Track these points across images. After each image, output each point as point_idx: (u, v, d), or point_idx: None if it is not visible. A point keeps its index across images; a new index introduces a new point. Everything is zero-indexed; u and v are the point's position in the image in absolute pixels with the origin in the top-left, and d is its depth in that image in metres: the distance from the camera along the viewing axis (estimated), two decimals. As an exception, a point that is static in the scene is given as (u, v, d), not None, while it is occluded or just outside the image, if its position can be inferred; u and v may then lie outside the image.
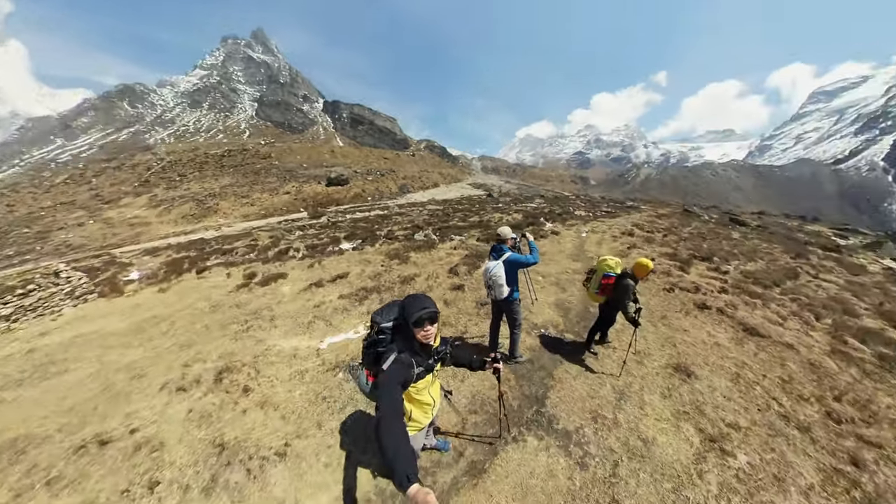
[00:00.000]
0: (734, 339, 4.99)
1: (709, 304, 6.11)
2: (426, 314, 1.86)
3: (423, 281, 7.54)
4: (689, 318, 5.62)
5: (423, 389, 2.00)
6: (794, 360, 4.56)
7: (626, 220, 17.08)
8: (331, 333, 5.44)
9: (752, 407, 3.65)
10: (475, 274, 7.75)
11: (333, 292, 7.27)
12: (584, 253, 10.21)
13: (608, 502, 2.60)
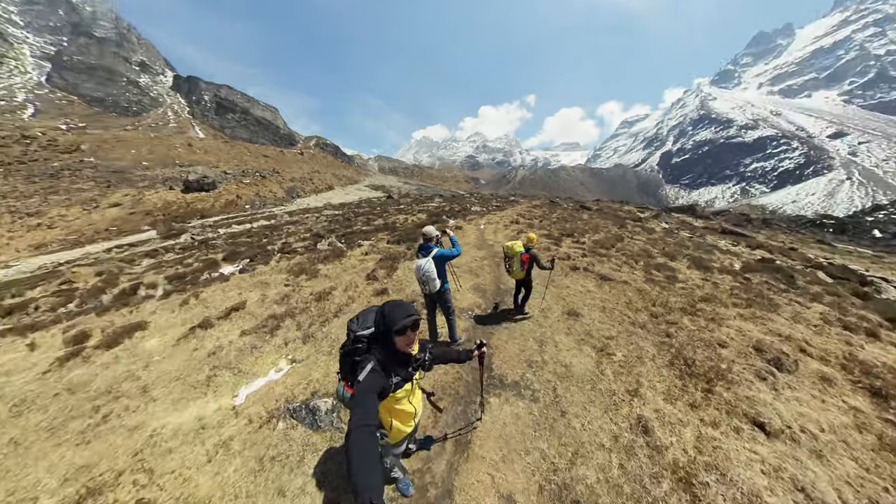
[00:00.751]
0: (596, 285, 6.60)
1: (577, 265, 7.80)
2: (410, 321, 1.70)
3: (341, 293, 6.70)
4: (567, 278, 7.07)
5: (402, 399, 1.83)
6: (629, 289, 6.37)
7: (512, 211, 19.41)
8: (244, 383, 4.12)
9: (615, 323, 5.06)
10: (395, 276, 7.37)
11: (231, 330, 5.57)
12: (485, 242, 10.85)
13: (560, 414, 3.29)
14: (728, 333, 4.71)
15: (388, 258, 8.68)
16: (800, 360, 4.16)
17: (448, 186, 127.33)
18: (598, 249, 9.46)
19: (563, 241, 10.74)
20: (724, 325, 4.94)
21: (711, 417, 3.18)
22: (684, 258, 9.10)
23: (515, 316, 5.33)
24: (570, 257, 8.58)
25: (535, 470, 2.68)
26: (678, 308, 5.50)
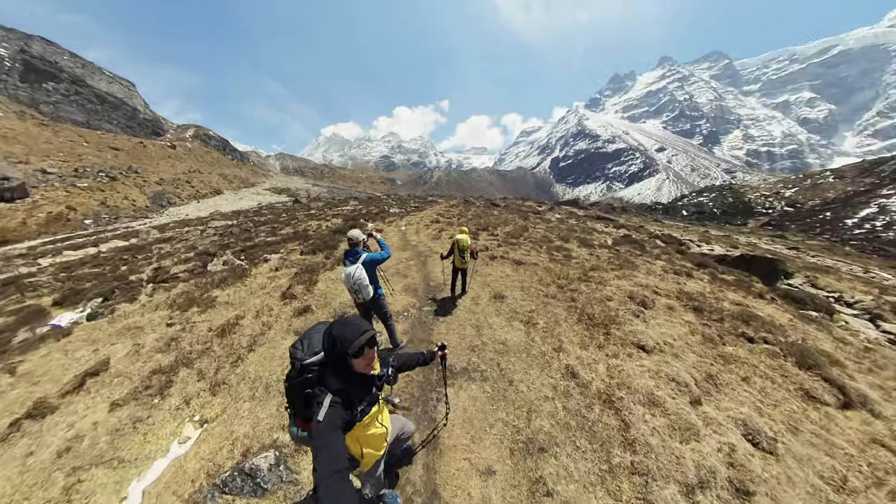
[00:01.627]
0: (513, 270, 7.31)
1: (495, 255, 8.47)
2: (366, 339, 1.46)
3: (252, 321, 5.41)
4: (488, 267, 7.61)
5: (371, 423, 1.59)
6: (539, 269, 7.29)
7: (431, 211, 19.66)
8: (134, 475, 2.93)
9: (533, 298, 5.73)
10: (317, 290, 6.44)
11: (91, 407, 3.88)
12: (408, 243, 10.51)
13: (508, 384, 3.58)
14: (611, 290, 5.93)
15: (304, 271, 7.53)
16: (655, 299, 5.66)
17: (363, 188, 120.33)
18: (509, 239, 10.50)
19: (480, 234, 11.57)
20: (608, 285, 6.18)
21: (613, 351, 4.09)
22: (574, 240, 10.90)
23: (458, 299, 5.87)
24: (487, 248, 9.16)
25: (502, 438, 2.92)
26: (576, 278, 6.60)
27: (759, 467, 2.68)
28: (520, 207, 24.96)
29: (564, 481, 2.53)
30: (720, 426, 3.05)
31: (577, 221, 18.18)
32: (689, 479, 2.53)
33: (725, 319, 5.06)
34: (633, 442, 2.82)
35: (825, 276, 10.76)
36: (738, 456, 2.74)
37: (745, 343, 4.53)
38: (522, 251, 8.90)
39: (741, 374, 3.86)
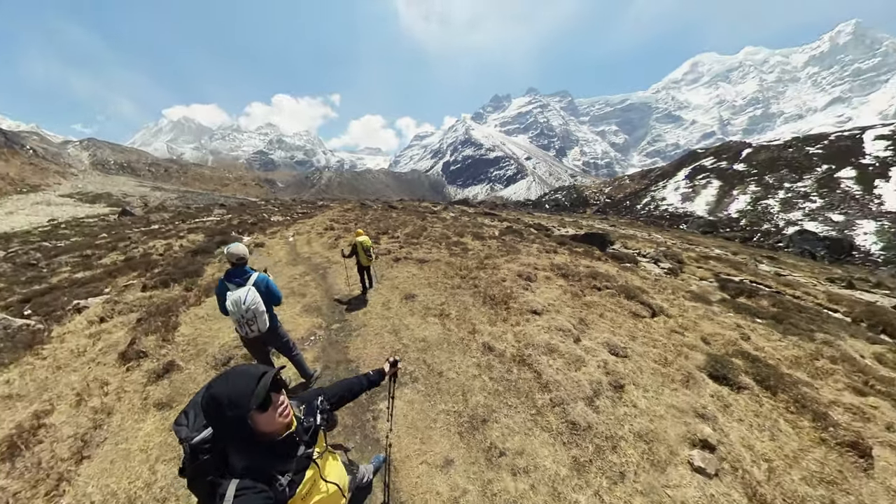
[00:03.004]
0: (418, 269, 7.56)
1: (399, 257, 8.54)
2: (266, 387, 1.06)
3: (70, 412, 3.42)
4: (394, 269, 7.63)
5: (311, 490, 1.20)
6: (442, 265, 7.80)
7: (324, 217, 17.61)
8: None
9: (441, 292, 6.09)
10: (179, 336, 4.75)
11: None
12: (300, 256, 9.40)
13: (438, 376, 3.75)
14: (504, 273, 6.92)
15: (154, 314, 5.36)
16: (536, 273, 7.00)
17: (231, 191, 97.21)
18: (410, 240, 10.75)
19: (381, 238, 11.45)
20: (500, 269, 7.19)
21: (515, 321, 4.89)
22: (468, 234, 12.07)
23: (366, 296, 6.02)
24: (390, 251, 9.03)
25: (448, 427, 3.05)
26: (474, 267, 7.39)
27: (622, 368, 3.91)
28: (417, 208, 25.71)
29: (510, 437, 2.92)
30: (595, 351, 4.19)
31: (469, 218, 20.07)
32: (588, 393, 3.43)
33: (582, 278, 6.75)
34: (546, 384, 3.53)
35: (631, 241, 15.53)
36: (609, 366, 3.88)
37: (596, 291, 6.22)
38: (424, 250, 9.26)
39: (598, 312, 5.35)
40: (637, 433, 2.96)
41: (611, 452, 2.76)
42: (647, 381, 3.73)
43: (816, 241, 34.17)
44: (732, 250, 23.51)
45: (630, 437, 2.93)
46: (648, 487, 2.49)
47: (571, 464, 2.65)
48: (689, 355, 4.38)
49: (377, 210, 22.38)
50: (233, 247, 3.01)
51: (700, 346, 4.66)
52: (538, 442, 2.86)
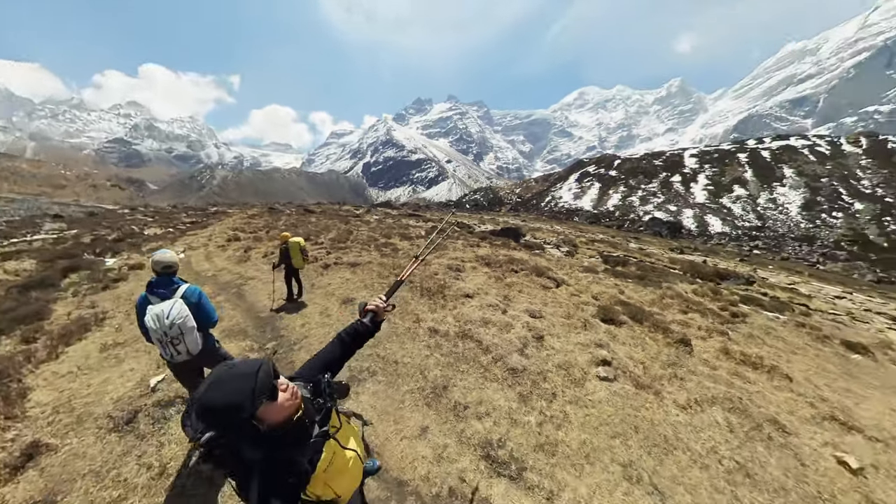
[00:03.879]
0: (351, 273, 7.30)
1: (328, 263, 8.05)
2: (268, 375, 1.01)
3: None
4: (325, 276, 7.19)
5: (332, 460, 1.20)
6: (375, 266, 7.76)
7: (222, 227, 14.96)
8: None
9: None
10: (35, 402, 3.40)
11: None
12: (200, 275, 7.72)
13: (394, 364, 3.84)
14: (435, 267, 7.35)
15: None
16: (464, 265, 7.60)
17: (72, 196, 68.92)
18: (337, 245, 10.20)
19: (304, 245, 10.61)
20: (432, 264, 7.58)
21: (452, 305, 5.32)
22: (396, 235, 12.16)
23: (297, 306, 5.55)
24: (317, 258, 8.41)
25: (416, 403, 3.28)
26: (407, 265, 7.46)
27: (540, 325, 4.77)
28: (338, 212, 24.19)
29: (468, 394, 3.37)
30: (518, 317, 4.96)
31: (394, 220, 19.98)
32: (519, 346, 4.13)
33: (502, 265, 7.60)
34: (487, 347, 4.09)
35: (538, 232, 17.89)
36: (531, 325, 4.69)
37: (514, 274, 7.11)
38: (354, 253, 8.93)
39: (517, 289, 6.21)
40: (558, 365, 3.80)
41: (543, 382, 3.51)
42: (559, 331, 4.67)
43: (661, 224, 46.21)
44: (611, 234, 29.66)
45: (554, 368, 3.74)
46: (574, 398, 3.32)
47: (518, 398, 3.31)
48: (585, 309, 5.54)
49: (292, 215, 20.21)
50: (158, 253, 2.53)
51: (592, 302, 5.95)
52: (490, 390, 3.41)
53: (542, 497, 2.32)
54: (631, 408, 3.20)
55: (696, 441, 2.89)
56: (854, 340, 5.57)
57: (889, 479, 2.68)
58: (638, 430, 2.95)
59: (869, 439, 3.13)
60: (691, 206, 53.09)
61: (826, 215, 43.94)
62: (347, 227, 14.28)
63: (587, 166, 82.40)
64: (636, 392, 3.44)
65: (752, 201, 50.74)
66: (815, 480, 2.59)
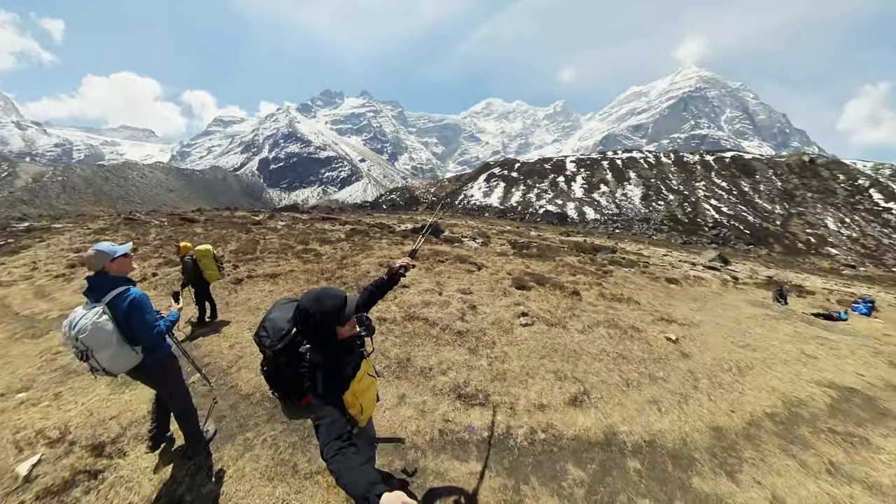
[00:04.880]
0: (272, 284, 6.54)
1: (239, 278, 6.92)
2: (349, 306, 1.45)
3: None
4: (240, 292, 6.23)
5: (363, 378, 1.58)
6: (299, 274, 7.36)
7: (51, 250, 10.94)
8: None
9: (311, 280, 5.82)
10: None
11: None
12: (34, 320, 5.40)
13: None
14: (366, 267, 7.44)
15: None
16: (391, 262, 7.66)
17: None
18: (244, 257, 8.86)
19: None
20: (361, 264, 7.61)
21: (391, 297, 5.55)
22: (314, 240, 11.17)
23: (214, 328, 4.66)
24: (228, 274, 7.25)
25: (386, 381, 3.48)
26: (336, 268, 7.39)
27: (471, 298, 5.61)
28: (231, 219, 20.02)
29: (429, 359, 3.87)
30: (453, 295, 5.60)
31: (306, 225, 18.03)
32: (459, 316, 4.81)
33: (429, 257, 8.16)
34: (433, 322, 4.60)
35: (455, 228, 19.30)
36: (464, 299, 5.42)
37: (441, 263, 7.74)
38: (270, 264, 8.04)
39: (447, 275, 6.84)
40: (491, 323, 4.65)
41: (483, 336, 4.31)
42: (487, 300, 5.55)
43: (553, 215, 55.94)
44: (516, 226, 34.12)
45: (489, 326, 4.57)
46: (508, 342, 4.24)
47: (468, 351, 4.06)
48: (503, 282, 6.58)
49: (164, 227, 15.80)
50: (92, 248, 2.10)
51: (507, 277, 7.06)
52: (446, 352, 4.05)
53: (506, 408, 3.05)
54: (548, 338, 4.26)
55: (593, 348, 4.15)
56: (671, 277, 8.48)
57: (689, 341, 4.61)
58: (556, 350, 4.02)
59: (680, 325, 5.13)
60: (573, 200, 65.01)
61: (655, 204, 59.97)
62: (250, 236, 12.45)
63: (493, 168, 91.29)
64: (549, 329, 4.53)
65: (612, 195, 65.27)
66: (656, 350, 4.23)
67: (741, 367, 4.10)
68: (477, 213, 61.08)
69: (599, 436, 2.80)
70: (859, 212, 52.89)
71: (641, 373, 3.76)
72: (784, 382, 3.84)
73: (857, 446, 2.89)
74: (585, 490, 2.29)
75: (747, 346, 4.74)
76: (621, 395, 3.38)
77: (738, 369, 4.05)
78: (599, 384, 3.50)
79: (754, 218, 53.56)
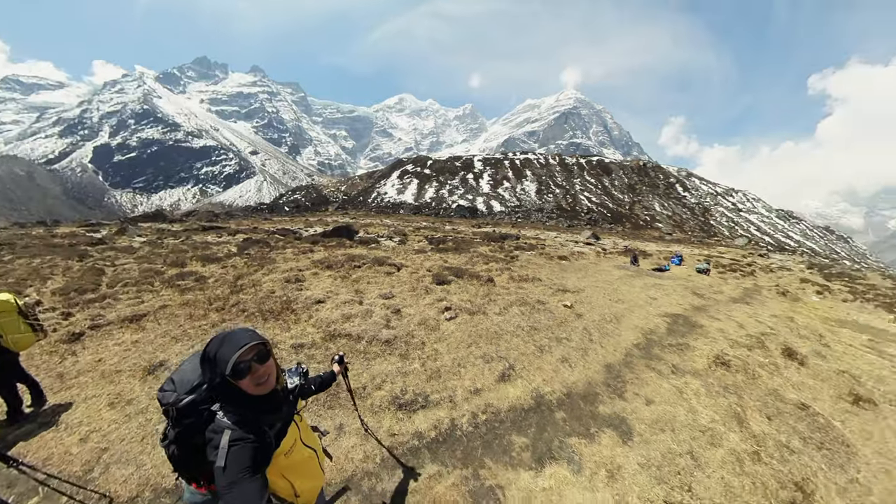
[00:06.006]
0: (137, 330, 4.78)
1: (76, 332, 4.72)
2: (244, 353, 1.12)
3: None
4: (83, 353, 4.33)
5: (293, 447, 1.27)
6: (176, 308, 5.86)
7: None
8: None
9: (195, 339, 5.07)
10: None
11: None
12: None
13: None
14: (270, 285, 6.34)
15: None
16: (303, 274, 7.02)
17: None
18: (80, 298, 6.19)
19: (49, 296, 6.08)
20: (263, 283, 6.42)
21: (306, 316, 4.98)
22: (194, 260, 8.62)
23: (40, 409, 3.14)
24: (55, 330, 4.89)
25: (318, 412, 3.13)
26: (229, 293, 5.95)
27: (394, 302, 5.48)
28: (49, 241, 13.06)
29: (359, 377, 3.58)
30: (375, 302, 5.36)
31: (180, 240, 13.67)
32: (384, 323, 4.58)
33: (344, 264, 7.57)
34: (358, 336, 4.33)
35: (370, 227, 18.67)
36: (387, 304, 5.32)
37: (358, 269, 7.33)
38: (127, 301, 5.93)
39: (366, 281, 6.53)
40: (418, 323, 4.61)
41: (412, 339, 4.24)
42: (410, 301, 5.50)
43: (465, 209, 59.80)
44: (431, 221, 35.17)
45: (415, 327, 4.53)
46: (436, 338, 4.28)
47: (399, 358, 3.94)
48: (424, 280, 6.68)
49: None
50: None
51: (427, 274, 7.19)
52: (377, 364, 3.86)
53: (446, 403, 3.12)
54: (471, 326, 4.51)
55: (510, 326, 4.60)
56: (562, 255, 10.22)
57: (580, 305, 5.67)
58: (480, 336, 4.29)
59: (572, 293, 6.23)
60: (481, 195, 70.73)
61: (546, 196, 70.38)
62: (87, 263, 8.67)
63: (406, 165, 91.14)
64: (471, 317, 4.80)
65: (513, 190, 73.56)
66: (558, 317, 5.05)
67: (617, 317, 5.43)
68: (392, 211, 60.19)
69: (530, 401, 3.25)
70: (671, 199, 75.32)
71: (550, 338, 4.42)
72: (642, 320, 5.40)
73: (685, 350, 4.41)
74: (530, 451, 2.67)
75: (619, 301, 6.32)
76: (539, 360, 3.91)
77: (615, 318, 5.37)
78: (520, 357, 3.94)
79: (612, 204, 68.96)
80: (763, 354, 4.57)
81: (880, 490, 2.58)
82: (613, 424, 3.00)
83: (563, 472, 2.46)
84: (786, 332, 5.65)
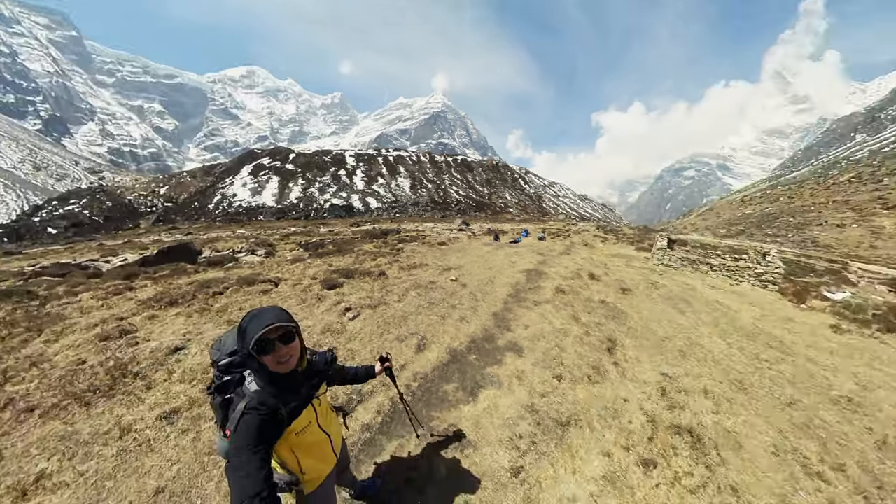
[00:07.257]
0: None
1: None
2: (269, 332, 1.17)
3: None
4: None
5: (306, 428, 1.32)
6: None
7: None
8: None
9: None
10: None
11: None
12: None
13: None
14: (67, 355, 4.75)
15: None
16: (133, 322, 5.70)
17: None
18: None
19: None
20: (52, 359, 4.82)
21: (157, 378, 3.96)
22: None
23: None
24: None
25: None
26: None
27: (352, 310, 4.94)
28: None
29: None
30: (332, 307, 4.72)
31: None
32: None
33: (195, 294, 5.73)
34: None
35: (219, 243, 15.24)
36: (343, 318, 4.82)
37: (220, 296, 5.79)
38: None
39: (235, 308, 5.32)
40: (321, 332, 4.42)
41: (321, 348, 3.99)
42: (304, 313, 5.02)
43: (340, 208, 55.88)
44: (302, 225, 31.17)
45: (320, 336, 4.32)
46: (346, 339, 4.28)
47: None
48: (312, 288, 6.17)
49: None
50: None
51: (313, 282, 6.65)
52: None
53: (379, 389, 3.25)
54: (377, 318, 4.74)
55: (411, 308, 5.08)
56: (441, 241, 11.73)
57: (464, 277, 6.83)
58: (388, 323, 4.58)
59: (455, 270, 7.36)
60: (356, 192, 67.63)
61: (420, 191, 74.31)
62: None
63: (260, 158, 76.72)
64: (374, 311, 5.00)
65: (388, 186, 73.85)
66: (449, 290, 5.95)
67: (491, 280, 6.85)
68: (246, 218, 50.03)
69: (447, 357, 3.85)
70: (517, 190, 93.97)
71: (447, 307, 5.18)
72: (509, 277, 7.04)
73: (538, 290, 6.23)
74: (461, 391, 3.27)
75: (490, 268, 7.92)
76: (443, 326, 4.54)
77: (490, 281, 6.76)
78: (428, 328, 4.47)
79: (476, 196, 79.73)
80: (579, 280, 7.08)
81: (634, 322, 5.15)
82: (510, 348, 4.10)
83: (491, 392, 3.23)
84: (589, 266, 8.77)
